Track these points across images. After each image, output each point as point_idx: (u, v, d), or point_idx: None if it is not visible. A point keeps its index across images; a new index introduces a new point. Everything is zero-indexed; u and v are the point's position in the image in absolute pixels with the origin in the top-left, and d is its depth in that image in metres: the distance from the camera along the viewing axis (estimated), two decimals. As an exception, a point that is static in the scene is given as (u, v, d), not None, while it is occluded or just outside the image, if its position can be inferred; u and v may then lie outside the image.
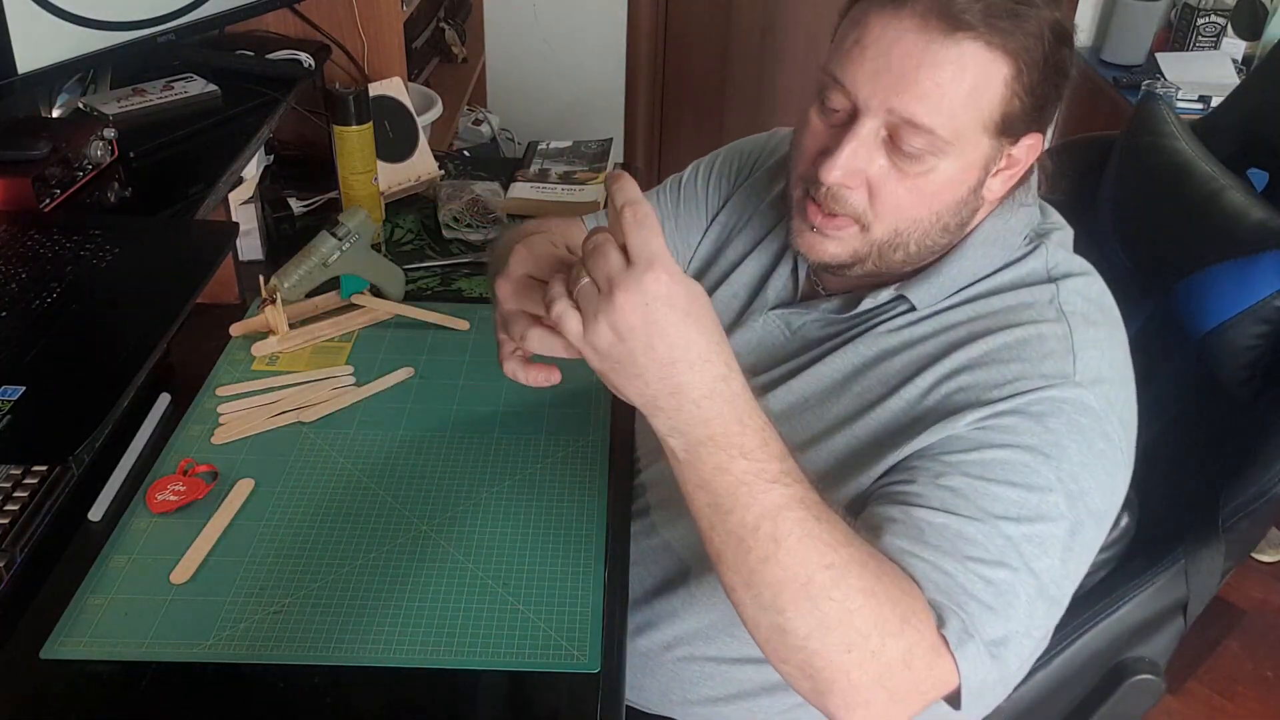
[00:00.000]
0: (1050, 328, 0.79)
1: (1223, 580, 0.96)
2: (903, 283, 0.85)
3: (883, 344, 0.85)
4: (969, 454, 0.75)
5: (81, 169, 1.15)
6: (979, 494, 0.73)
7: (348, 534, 0.94)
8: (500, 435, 1.06)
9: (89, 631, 0.84)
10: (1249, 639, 1.94)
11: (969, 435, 0.76)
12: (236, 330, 1.18)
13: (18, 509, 0.89)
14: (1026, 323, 0.79)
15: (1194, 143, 1.06)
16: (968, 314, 0.83)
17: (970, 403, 0.77)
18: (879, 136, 0.77)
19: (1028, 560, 0.72)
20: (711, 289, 1.00)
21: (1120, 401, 0.79)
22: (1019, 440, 0.74)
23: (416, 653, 0.83)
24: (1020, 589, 0.72)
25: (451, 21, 2.32)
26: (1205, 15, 2.49)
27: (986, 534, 0.72)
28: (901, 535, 0.72)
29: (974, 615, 0.70)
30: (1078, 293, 0.82)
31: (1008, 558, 0.72)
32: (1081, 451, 0.75)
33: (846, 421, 0.83)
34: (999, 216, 0.84)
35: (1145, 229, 1.06)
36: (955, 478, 0.74)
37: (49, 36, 1.12)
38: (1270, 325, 0.91)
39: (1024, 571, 0.72)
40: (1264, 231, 0.92)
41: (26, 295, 0.95)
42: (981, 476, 0.74)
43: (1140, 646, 0.98)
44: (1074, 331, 0.79)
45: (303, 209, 1.49)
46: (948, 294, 0.84)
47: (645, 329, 0.60)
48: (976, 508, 0.73)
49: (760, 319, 0.94)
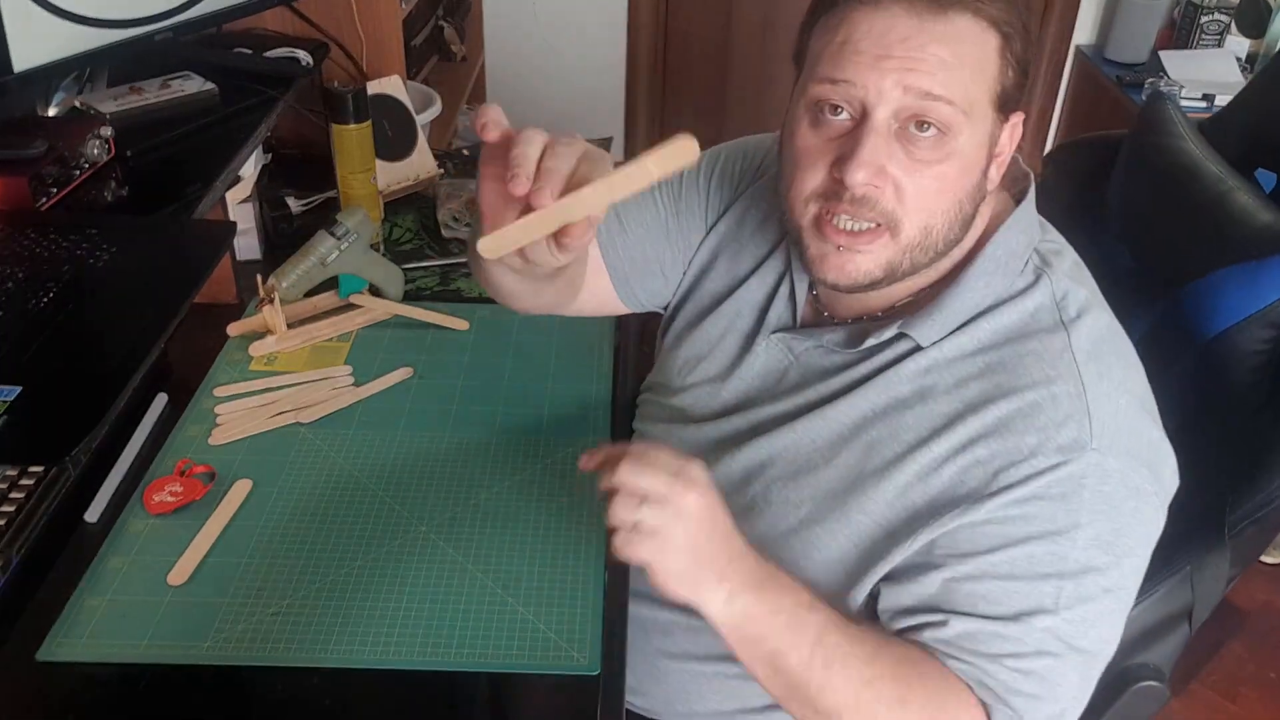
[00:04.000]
0: (1063, 387, 0.77)
1: (1228, 587, 0.95)
2: (905, 320, 0.82)
3: (895, 392, 0.82)
4: (994, 555, 0.75)
5: (78, 168, 1.14)
6: (1009, 595, 0.75)
7: (346, 535, 0.93)
8: (500, 435, 1.06)
9: (86, 633, 0.83)
10: (1252, 641, 1.93)
11: (990, 532, 0.76)
12: (234, 330, 1.18)
13: (14, 510, 0.88)
14: (1040, 383, 0.77)
15: (1201, 143, 1.05)
16: (979, 366, 0.80)
17: (988, 487, 0.76)
18: (892, 129, 0.75)
19: (1071, 642, 0.74)
20: (709, 302, 0.98)
21: (1143, 445, 0.78)
22: (1042, 529, 0.74)
23: (415, 654, 0.83)
24: (1066, 670, 0.75)
25: (450, 20, 2.32)
26: (1209, 13, 2.48)
27: (1022, 631, 0.74)
28: (938, 641, 0.76)
29: (1021, 708, 0.73)
30: (1087, 337, 0.79)
31: (1048, 646, 0.74)
32: (1111, 519, 0.75)
33: (860, 478, 0.81)
34: (996, 243, 0.82)
35: (1151, 231, 1.05)
36: (985, 583, 0.75)
37: (45, 34, 1.12)
38: (1278, 331, 0.91)
39: (1068, 654, 0.74)
40: (1272, 235, 0.92)
41: (23, 295, 0.95)
42: (1010, 575, 0.75)
43: (1144, 653, 0.98)
44: (1088, 389, 0.76)
45: (301, 208, 1.49)
46: (951, 328, 0.81)
47: (713, 511, 0.73)
48: (1008, 609, 0.74)
49: (764, 343, 0.92)
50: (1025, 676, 0.74)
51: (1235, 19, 2.49)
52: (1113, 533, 0.75)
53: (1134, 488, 0.76)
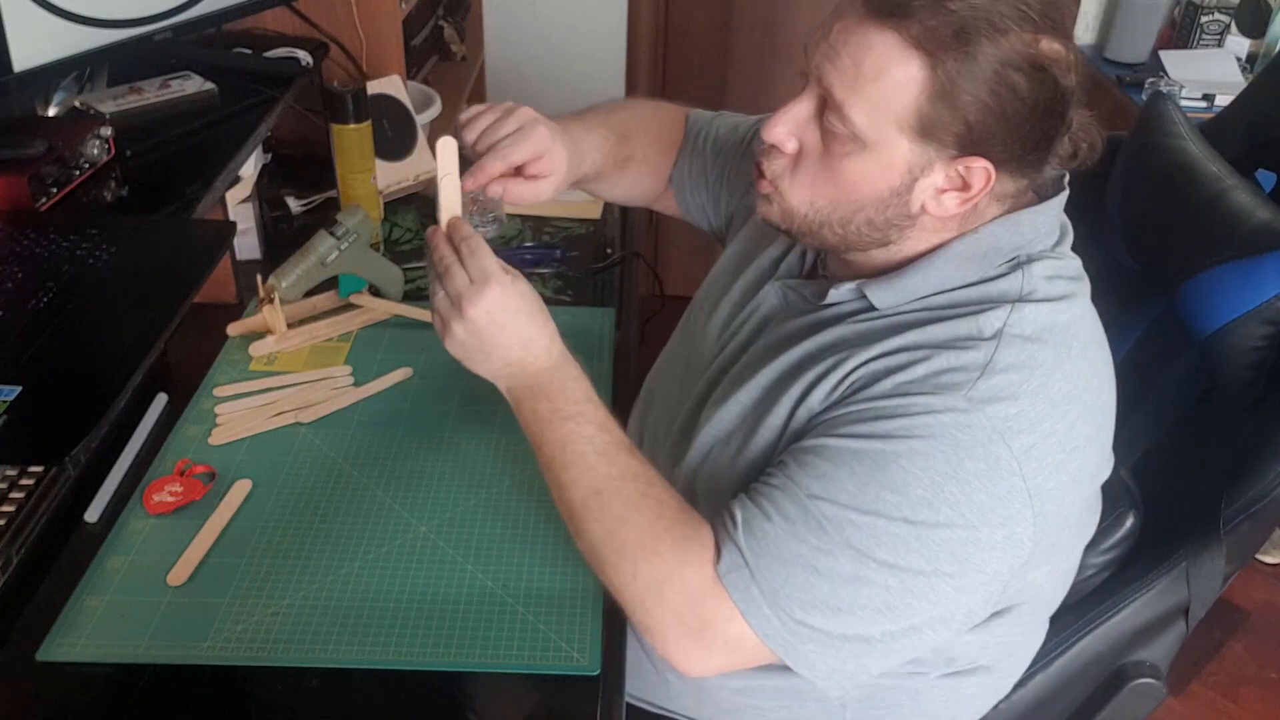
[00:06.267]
0: (973, 355, 0.76)
1: (1225, 585, 0.95)
2: (866, 281, 0.84)
3: (838, 334, 0.85)
4: (827, 437, 0.78)
5: (78, 168, 1.14)
6: (816, 473, 0.77)
7: (346, 535, 0.93)
8: (499, 435, 1.06)
9: (85, 633, 0.83)
10: (1253, 640, 1.93)
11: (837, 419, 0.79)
12: (234, 330, 1.18)
13: (14, 510, 0.89)
14: (953, 346, 0.77)
15: (1201, 143, 1.05)
16: (924, 334, 0.80)
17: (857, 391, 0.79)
18: (815, 108, 0.79)
19: (843, 535, 0.75)
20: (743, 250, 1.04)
21: (1025, 433, 0.75)
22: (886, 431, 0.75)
23: (415, 655, 0.83)
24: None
25: (450, 19, 2.31)
26: (1209, 13, 2.48)
27: (796, 508, 0.76)
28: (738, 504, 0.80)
29: (737, 534, 0.77)
30: (1033, 321, 0.78)
31: (820, 517, 0.75)
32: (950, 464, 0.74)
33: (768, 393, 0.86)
34: (980, 236, 0.81)
35: (1151, 229, 1.05)
36: (805, 455, 0.79)
37: (45, 34, 1.12)
38: (1274, 327, 0.91)
39: (836, 543, 0.75)
40: (1269, 233, 0.92)
41: (22, 295, 0.95)
42: (826, 457, 0.77)
43: (1141, 650, 0.98)
44: (996, 357, 0.76)
45: (301, 208, 1.49)
46: (909, 299, 0.82)
47: (489, 328, 0.82)
48: (805, 487, 0.76)
49: (769, 287, 0.95)
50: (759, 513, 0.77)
51: (1235, 19, 2.48)
52: (945, 476, 0.73)
53: (992, 456, 0.74)
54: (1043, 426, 0.76)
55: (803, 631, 0.76)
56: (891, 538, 0.74)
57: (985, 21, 0.72)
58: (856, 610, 0.75)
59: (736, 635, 0.77)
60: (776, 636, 0.76)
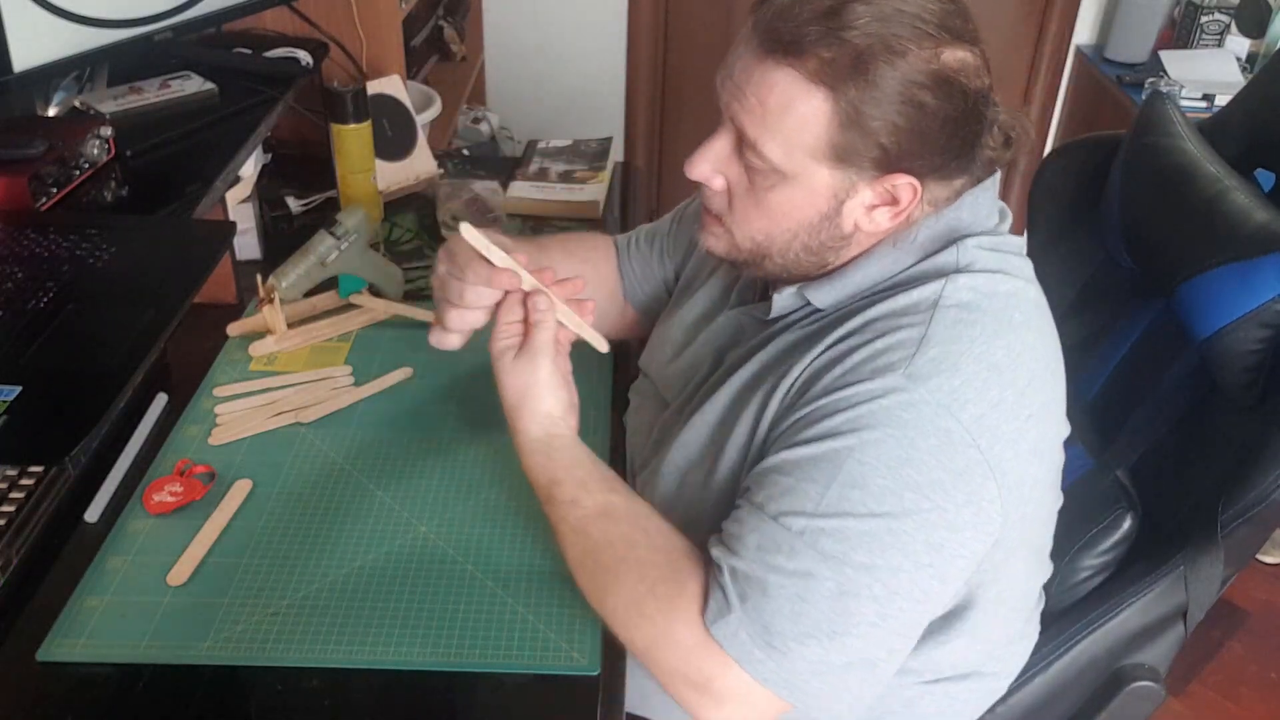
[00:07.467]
0: (908, 333, 0.76)
1: (1223, 587, 0.95)
2: (805, 284, 0.84)
3: (787, 341, 0.85)
4: (783, 452, 0.77)
5: (78, 168, 1.14)
6: (780, 490, 0.76)
7: (346, 535, 0.94)
8: (500, 436, 1.05)
9: (85, 633, 0.84)
10: (1253, 641, 1.93)
11: (789, 432, 0.78)
12: (234, 330, 1.18)
13: (14, 510, 0.89)
14: (888, 332, 0.77)
15: (1200, 143, 1.05)
16: (862, 318, 0.80)
17: (801, 398, 0.79)
18: (733, 144, 0.80)
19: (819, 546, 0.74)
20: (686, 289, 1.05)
21: (973, 399, 0.74)
22: (832, 429, 0.75)
23: (415, 655, 0.83)
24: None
25: (450, 19, 2.32)
26: (1209, 13, 2.48)
27: (774, 530, 0.75)
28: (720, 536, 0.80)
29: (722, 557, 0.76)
30: (968, 288, 0.78)
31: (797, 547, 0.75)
32: (902, 446, 0.73)
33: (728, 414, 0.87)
34: (917, 226, 0.81)
35: (1149, 230, 1.05)
36: (767, 475, 0.78)
37: (45, 34, 1.12)
38: (1272, 329, 0.90)
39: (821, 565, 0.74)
40: (1266, 234, 0.91)
41: (22, 295, 0.95)
42: (782, 470, 0.77)
43: (1140, 653, 0.98)
44: (931, 329, 0.76)
45: (301, 208, 1.49)
46: (850, 295, 0.83)
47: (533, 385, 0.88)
48: (773, 507, 0.76)
49: (723, 317, 0.96)
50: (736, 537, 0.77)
51: (1235, 19, 2.48)
52: (900, 460, 0.73)
53: (942, 430, 0.73)
54: (989, 395, 0.75)
55: (801, 667, 0.74)
56: (864, 536, 0.73)
57: (882, 46, 0.72)
58: (851, 630, 0.73)
59: (739, 683, 0.75)
60: (776, 678, 0.74)
